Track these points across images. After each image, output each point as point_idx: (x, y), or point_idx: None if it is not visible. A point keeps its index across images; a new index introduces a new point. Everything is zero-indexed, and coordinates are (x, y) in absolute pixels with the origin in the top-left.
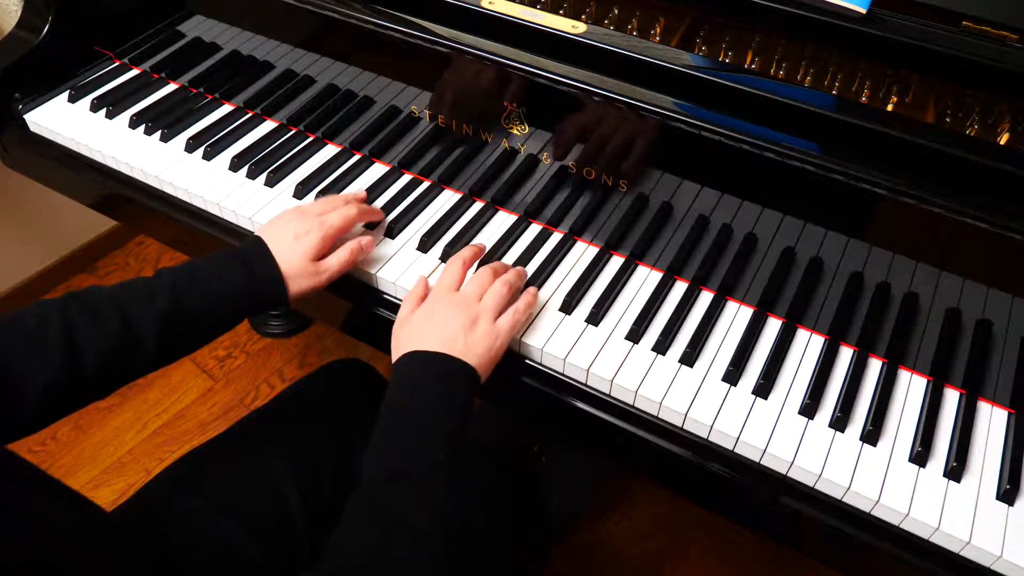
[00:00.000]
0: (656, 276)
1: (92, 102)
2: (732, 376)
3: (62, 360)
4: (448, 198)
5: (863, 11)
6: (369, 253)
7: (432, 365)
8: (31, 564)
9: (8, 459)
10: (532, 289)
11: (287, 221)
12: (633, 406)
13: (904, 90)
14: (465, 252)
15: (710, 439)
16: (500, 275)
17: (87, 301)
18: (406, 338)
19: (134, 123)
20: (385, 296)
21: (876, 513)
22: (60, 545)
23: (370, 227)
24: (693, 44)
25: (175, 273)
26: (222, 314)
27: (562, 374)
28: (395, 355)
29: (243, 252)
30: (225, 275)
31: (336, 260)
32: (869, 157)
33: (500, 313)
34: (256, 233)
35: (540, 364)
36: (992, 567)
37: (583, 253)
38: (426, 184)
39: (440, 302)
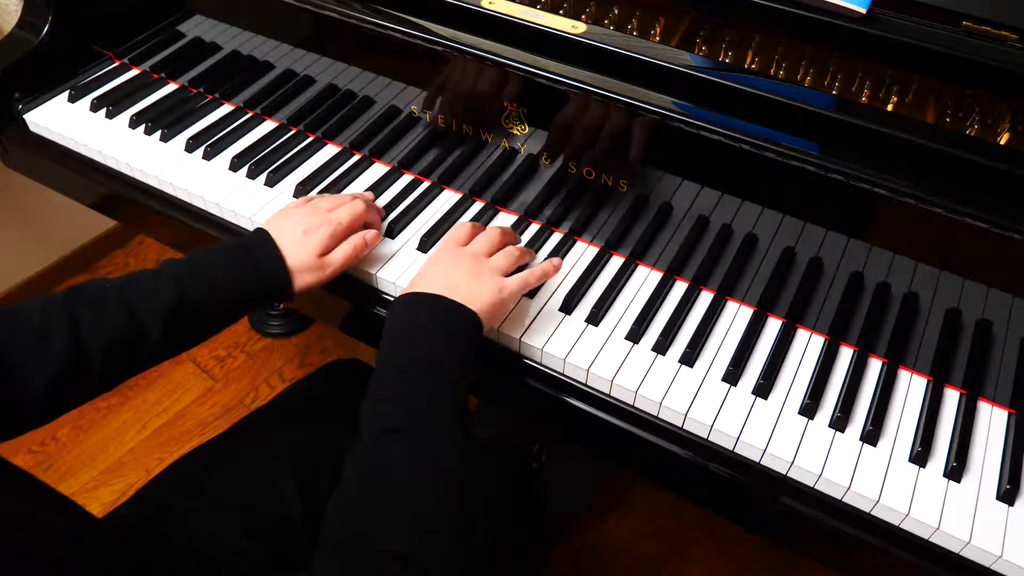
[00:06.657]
0: (656, 276)
1: (92, 102)
2: (732, 376)
3: (67, 353)
4: (448, 198)
5: (863, 11)
6: (373, 248)
7: (429, 308)
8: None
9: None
10: (556, 260)
11: (297, 216)
12: (633, 406)
13: (904, 90)
14: (478, 224)
15: (710, 439)
16: (510, 242)
17: (91, 294)
18: (409, 288)
19: (134, 123)
20: (385, 296)
21: (876, 513)
22: (48, 549)
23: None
24: (693, 44)
25: (179, 265)
26: (227, 306)
27: (562, 374)
28: None
29: (248, 244)
30: (230, 268)
31: (341, 255)
32: (869, 157)
33: (507, 274)
34: (262, 225)
35: (540, 364)
36: (992, 567)
37: (583, 253)
38: (426, 184)
39: (447, 252)
